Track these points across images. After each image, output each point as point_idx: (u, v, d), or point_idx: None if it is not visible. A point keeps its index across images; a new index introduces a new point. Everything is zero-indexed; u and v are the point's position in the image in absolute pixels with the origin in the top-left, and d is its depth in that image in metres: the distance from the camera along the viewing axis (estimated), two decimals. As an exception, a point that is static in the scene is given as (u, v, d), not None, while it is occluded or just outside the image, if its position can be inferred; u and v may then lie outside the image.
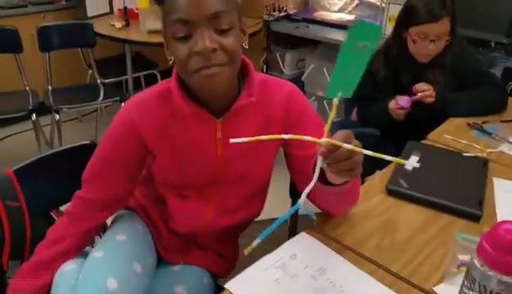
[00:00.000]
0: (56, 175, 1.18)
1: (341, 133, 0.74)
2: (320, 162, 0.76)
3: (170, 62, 0.89)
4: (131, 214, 1.11)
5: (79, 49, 3.01)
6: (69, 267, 0.94)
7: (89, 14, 3.09)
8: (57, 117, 2.54)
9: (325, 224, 1.00)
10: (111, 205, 1.05)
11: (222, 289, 0.82)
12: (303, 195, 0.75)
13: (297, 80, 3.54)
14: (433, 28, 1.54)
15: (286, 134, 0.95)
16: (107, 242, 0.99)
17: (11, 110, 2.53)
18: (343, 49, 0.76)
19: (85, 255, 0.97)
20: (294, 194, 1.31)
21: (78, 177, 1.03)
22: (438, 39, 1.56)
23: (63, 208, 1.18)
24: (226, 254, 1.17)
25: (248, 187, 1.04)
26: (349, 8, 3.57)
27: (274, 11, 3.48)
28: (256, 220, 1.17)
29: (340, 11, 3.58)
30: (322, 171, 0.78)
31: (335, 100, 0.77)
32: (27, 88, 2.72)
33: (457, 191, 1.10)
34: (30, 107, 2.49)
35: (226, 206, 1.04)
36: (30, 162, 1.11)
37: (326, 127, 0.75)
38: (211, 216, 1.04)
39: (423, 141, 1.42)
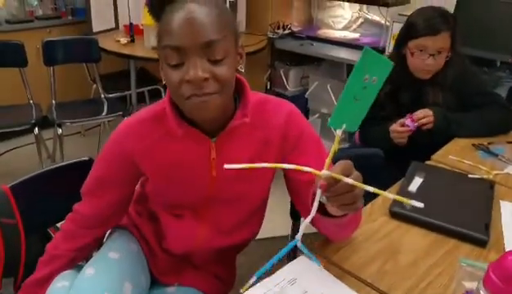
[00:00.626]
0: (54, 192, 1.17)
1: (341, 164, 0.71)
2: (319, 195, 0.73)
3: (163, 82, 0.88)
4: (125, 232, 1.09)
5: (84, 64, 3.02)
6: (60, 284, 0.92)
7: (95, 29, 3.11)
8: (60, 131, 2.53)
9: (326, 248, 0.97)
10: (104, 221, 1.05)
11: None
12: (301, 231, 0.73)
13: (300, 97, 3.54)
14: (432, 42, 1.52)
15: (284, 157, 0.95)
16: (99, 259, 0.98)
17: (14, 124, 2.53)
18: (350, 80, 0.74)
19: (79, 269, 0.95)
20: (295, 215, 1.29)
21: (76, 194, 1.03)
22: (438, 54, 1.54)
23: (60, 225, 1.17)
24: (223, 275, 1.14)
25: (244, 207, 1.02)
26: (353, 26, 3.58)
27: (278, 28, 3.50)
28: (256, 238, 1.15)
29: (344, 29, 3.59)
30: (322, 202, 0.75)
31: (339, 132, 0.75)
32: (30, 102, 2.72)
33: (463, 214, 1.07)
34: (33, 120, 2.49)
35: (221, 226, 1.02)
36: (27, 178, 1.10)
37: (327, 160, 0.73)
38: (206, 236, 1.02)
39: (427, 162, 1.39)
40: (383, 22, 3.18)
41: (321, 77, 3.40)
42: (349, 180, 0.69)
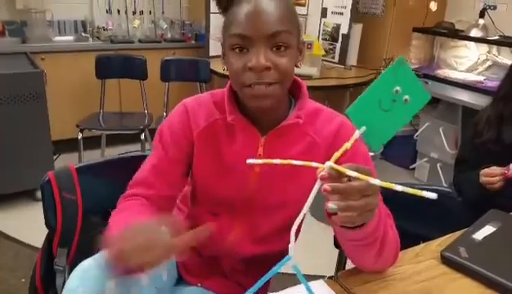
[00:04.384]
0: (116, 178, 1.26)
1: (353, 164, 0.67)
2: (317, 186, 0.68)
3: (224, 71, 0.92)
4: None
5: (198, 84, 3.28)
6: (86, 263, 0.99)
7: (211, 53, 3.37)
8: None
9: (352, 276, 0.89)
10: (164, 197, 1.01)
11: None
12: (292, 243, 0.69)
13: (409, 138, 3.33)
14: None
15: None
16: None
17: (125, 128, 2.87)
18: (377, 80, 0.70)
19: None
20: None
21: None
22: None
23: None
24: (248, 287, 1.10)
25: (281, 215, 0.98)
26: (480, 69, 3.29)
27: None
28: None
29: (468, 71, 3.32)
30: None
31: (357, 133, 0.71)
32: (145, 111, 3.05)
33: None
34: (141, 127, 2.77)
35: (254, 232, 1.00)
36: (93, 163, 1.22)
37: (336, 153, 0.70)
38: (236, 240, 1.01)
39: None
40: (510, 64, 2.87)
41: (434, 118, 3.18)
42: (352, 173, 0.64)
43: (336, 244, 1.20)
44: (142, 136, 2.74)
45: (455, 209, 1.38)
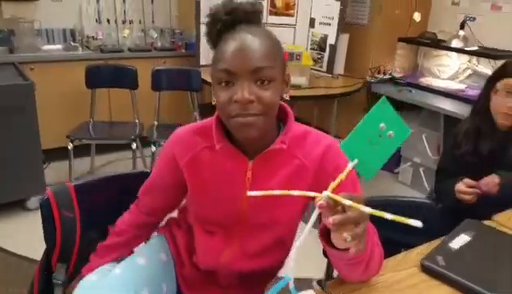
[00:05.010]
0: (113, 195, 1.31)
1: (348, 193, 0.73)
2: (316, 213, 0.74)
3: (213, 103, 0.97)
4: (160, 241, 1.18)
5: (189, 93, 3.33)
6: (89, 278, 1.04)
7: (201, 62, 3.41)
8: (154, 149, 2.80)
9: (339, 285, 0.96)
10: (157, 214, 1.21)
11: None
12: (291, 261, 0.75)
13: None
14: None
15: (319, 189, 0.96)
16: (128, 262, 1.09)
17: (117, 137, 2.91)
18: (365, 118, 0.76)
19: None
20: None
21: (133, 199, 1.19)
22: None
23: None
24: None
25: (272, 234, 1.05)
26: (460, 77, 3.41)
27: (378, 73, 3.48)
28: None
29: (450, 79, 3.43)
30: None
31: (350, 165, 0.77)
32: (136, 121, 3.08)
33: (500, 280, 0.98)
34: (133, 137, 2.81)
35: (248, 249, 1.06)
36: (90, 181, 1.27)
37: (332, 184, 0.75)
38: (232, 257, 1.07)
39: (486, 222, 1.27)
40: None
41: (417, 125, 3.27)
42: (347, 202, 0.70)
43: (325, 254, 1.26)
44: (134, 146, 2.78)
45: (435, 217, 1.46)
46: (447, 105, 2.94)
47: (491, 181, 1.49)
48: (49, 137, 2.89)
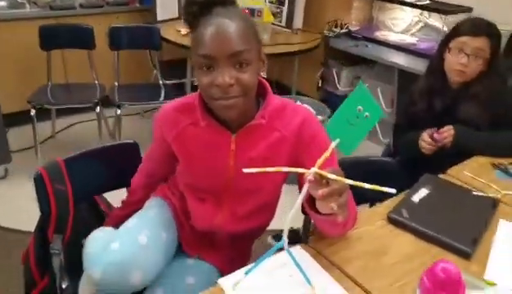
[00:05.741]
0: (100, 167, 1.37)
1: (332, 168, 0.83)
2: (305, 188, 0.85)
3: (195, 83, 1.04)
4: (162, 203, 1.27)
5: (148, 51, 3.27)
6: (100, 232, 1.17)
7: (159, 18, 3.35)
8: (119, 112, 2.79)
9: (320, 241, 1.10)
10: (156, 177, 1.34)
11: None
12: (286, 231, 0.85)
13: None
14: (471, 41, 1.59)
15: (297, 157, 1.09)
16: (141, 214, 1.22)
17: (80, 101, 2.86)
18: (345, 102, 0.85)
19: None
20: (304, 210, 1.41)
21: (120, 169, 1.33)
22: (473, 56, 1.59)
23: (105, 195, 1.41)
24: (237, 258, 1.29)
25: (258, 198, 1.16)
26: (413, 30, 3.55)
27: (336, 27, 3.55)
28: (269, 228, 1.28)
29: (403, 32, 3.57)
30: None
31: (333, 144, 0.87)
32: (96, 82, 3.02)
33: (455, 227, 1.15)
34: (96, 100, 2.78)
35: (237, 213, 1.17)
36: (79, 154, 1.32)
37: (319, 161, 0.85)
38: (223, 220, 1.18)
39: (441, 175, 1.45)
40: (441, 27, 3.14)
41: (373, 79, 3.43)
42: (332, 176, 0.81)
43: (303, 212, 1.40)
44: (97, 110, 2.75)
45: (394, 171, 1.63)
46: (401, 60, 3.09)
47: (448, 131, 1.62)
48: (5, 102, 2.78)
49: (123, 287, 1.05)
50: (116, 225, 1.19)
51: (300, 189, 1.13)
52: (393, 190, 0.76)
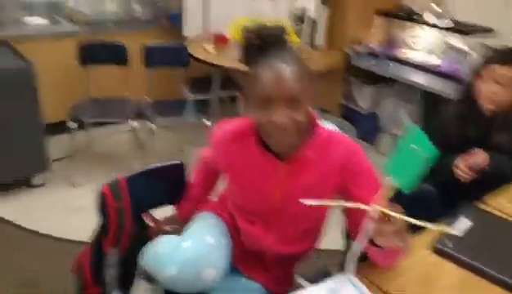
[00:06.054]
0: (153, 185, 1.45)
1: (391, 206, 0.88)
2: (368, 226, 0.90)
3: (242, 113, 1.14)
4: (217, 216, 1.34)
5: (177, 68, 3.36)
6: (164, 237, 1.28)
7: (185, 34, 3.47)
8: (152, 126, 2.92)
9: (370, 268, 1.14)
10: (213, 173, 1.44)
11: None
12: (354, 263, 0.90)
13: (372, 115, 3.65)
14: (505, 71, 1.62)
15: (345, 185, 1.14)
16: (200, 218, 1.33)
17: (116, 116, 3.02)
18: (402, 146, 0.89)
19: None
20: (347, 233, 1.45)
21: (168, 187, 1.43)
22: (506, 85, 1.63)
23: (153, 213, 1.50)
24: (283, 278, 1.35)
25: (304, 223, 1.23)
26: (436, 52, 3.54)
27: (359, 44, 3.58)
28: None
29: (423, 51, 3.58)
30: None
31: (389, 184, 0.90)
32: (129, 97, 3.14)
33: (502, 260, 1.17)
34: (132, 116, 2.93)
35: (284, 236, 1.24)
36: (138, 173, 1.41)
37: (378, 198, 0.89)
38: (271, 243, 1.24)
39: (477, 203, 1.47)
40: (465, 49, 3.16)
41: (394, 98, 3.47)
42: (395, 214, 0.86)
43: (348, 236, 1.43)
44: (134, 124, 2.88)
45: (430, 198, 1.66)
46: (424, 80, 3.14)
47: (481, 155, 1.63)
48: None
49: (195, 284, 1.12)
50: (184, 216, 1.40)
51: (344, 211, 1.19)
52: (459, 233, 0.80)
